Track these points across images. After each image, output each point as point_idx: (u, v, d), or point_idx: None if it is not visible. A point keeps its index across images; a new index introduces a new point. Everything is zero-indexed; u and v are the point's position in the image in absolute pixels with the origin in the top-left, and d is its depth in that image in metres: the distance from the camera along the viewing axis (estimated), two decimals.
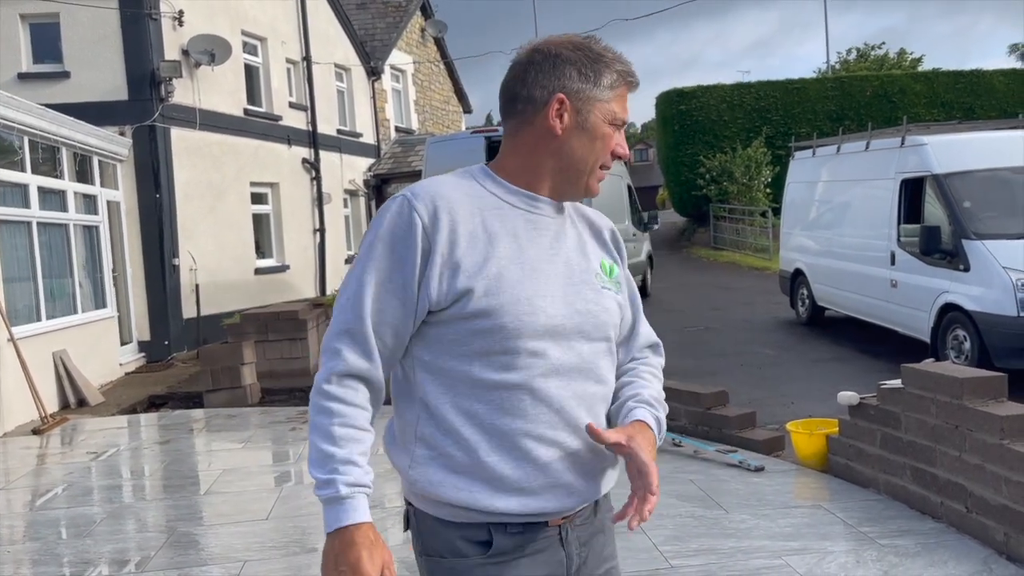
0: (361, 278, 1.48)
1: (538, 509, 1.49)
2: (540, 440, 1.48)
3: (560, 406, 1.50)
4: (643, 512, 1.48)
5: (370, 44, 19.37)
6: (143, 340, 11.17)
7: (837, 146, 10.60)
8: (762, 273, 17.36)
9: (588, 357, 1.54)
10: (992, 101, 23.82)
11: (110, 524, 4.77)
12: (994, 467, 3.71)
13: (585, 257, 1.60)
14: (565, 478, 1.50)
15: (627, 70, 1.55)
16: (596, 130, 1.53)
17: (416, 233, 1.45)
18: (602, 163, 1.56)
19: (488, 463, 1.46)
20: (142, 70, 11.07)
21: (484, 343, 1.46)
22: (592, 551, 1.60)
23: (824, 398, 6.27)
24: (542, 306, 1.48)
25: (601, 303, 1.58)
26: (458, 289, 1.45)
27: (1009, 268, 7.07)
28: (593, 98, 1.52)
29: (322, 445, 1.44)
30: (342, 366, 1.47)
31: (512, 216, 1.53)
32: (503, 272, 1.47)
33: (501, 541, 1.48)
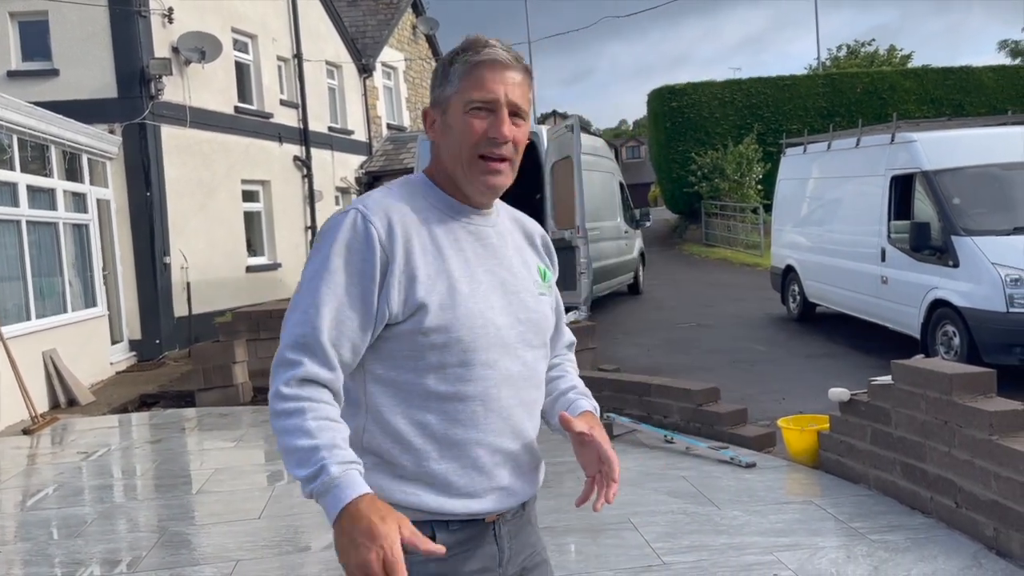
0: (317, 292, 1.45)
1: (480, 510, 1.55)
2: (488, 448, 1.54)
3: (508, 414, 1.55)
4: (609, 496, 1.59)
5: (361, 41, 19.32)
6: (134, 339, 11.14)
7: (828, 143, 10.63)
8: (753, 270, 17.41)
9: (531, 364, 1.60)
10: (981, 97, 23.91)
11: (101, 524, 4.76)
12: (983, 462, 3.73)
13: (525, 265, 1.64)
14: (506, 481, 1.57)
15: (468, 46, 1.53)
16: (455, 123, 1.53)
17: (374, 246, 1.45)
18: (480, 152, 1.52)
19: (437, 471, 1.50)
20: (132, 68, 11.02)
21: (439, 357, 1.48)
22: (519, 543, 1.66)
23: (815, 394, 6.30)
24: (492, 318, 1.52)
25: (540, 310, 1.62)
26: (416, 302, 1.46)
27: (998, 264, 7.10)
28: (447, 97, 1.54)
29: (299, 442, 1.39)
30: (301, 371, 1.43)
31: (455, 228, 1.56)
32: (455, 286, 1.50)
33: (443, 538, 1.51)
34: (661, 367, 8.39)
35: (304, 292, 1.46)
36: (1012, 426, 3.69)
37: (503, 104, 1.51)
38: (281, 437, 1.41)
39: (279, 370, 1.45)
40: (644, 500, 4.61)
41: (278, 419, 1.42)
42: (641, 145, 58.25)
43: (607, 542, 4.05)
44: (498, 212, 1.66)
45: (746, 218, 21.43)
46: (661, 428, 5.89)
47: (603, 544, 4.04)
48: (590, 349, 8.06)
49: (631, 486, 4.89)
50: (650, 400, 6.22)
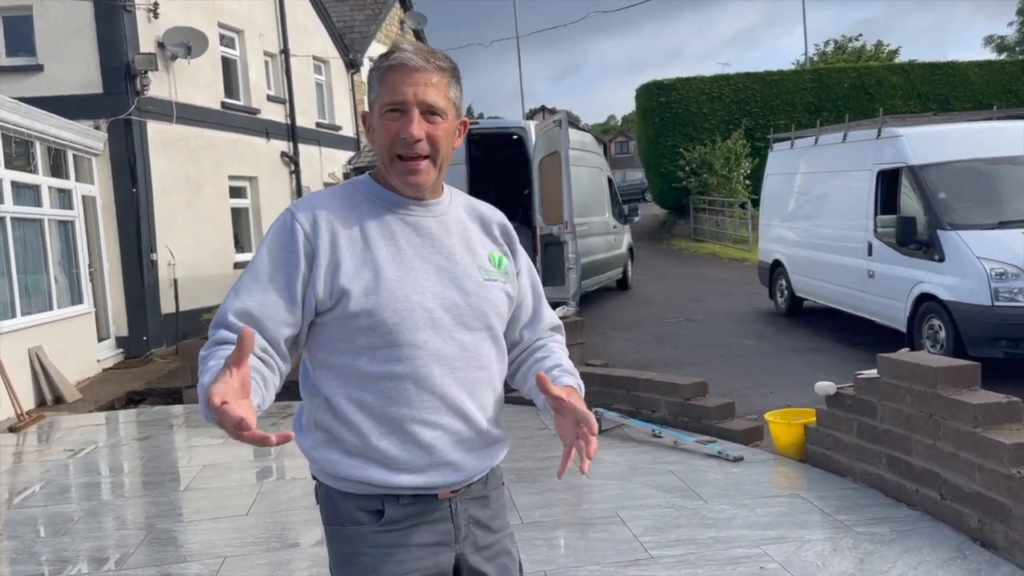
0: (240, 282, 1.61)
1: (425, 483, 1.63)
2: (425, 424, 1.62)
3: (443, 392, 1.63)
4: (590, 452, 1.58)
5: (349, 36, 19.26)
6: (121, 336, 11.08)
7: (815, 138, 10.67)
8: (742, 264, 17.46)
9: (470, 346, 1.67)
10: (967, 93, 24.02)
11: (88, 522, 4.74)
12: (968, 455, 3.76)
13: (470, 251, 1.72)
14: (450, 456, 1.65)
15: (383, 60, 1.65)
16: (376, 126, 1.65)
17: (298, 239, 1.59)
18: (396, 152, 1.63)
19: (379, 447, 1.61)
20: (117, 63, 10.95)
21: (368, 339, 1.60)
22: (479, 523, 1.73)
23: (802, 388, 6.33)
24: (419, 301, 1.62)
25: (483, 294, 1.69)
26: (340, 289, 1.58)
27: (983, 258, 7.15)
28: (371, 102, 1.66)
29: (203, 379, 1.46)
30: (222, 336, 1.54)
31: (390, 220, 1.67)
32: (380, 273, 1.60)
33: (393, 511, 1.63)
34: (649, 362, 8.41)
35: (239, 280, 1.62)
36: (996, 418, 3.72)
37: (412, 104, 1.60)
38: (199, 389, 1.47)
39: (208, 346, 1.57)
40: (632, 494, 4.62)
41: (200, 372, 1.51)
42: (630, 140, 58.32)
43: (595, 536, 4.07)
44: (449, 202, 1.74)
45: (734, 213, 21.48)
46: (649, 423, 5.91)
47: (591, 538, 4.05)
48: (579, 344, 8.07)
49: (619, 480, 4.91)
50: (638, 395, 6.24)
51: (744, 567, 3.59)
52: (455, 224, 1.72)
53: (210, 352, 1.53)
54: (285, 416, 7.31)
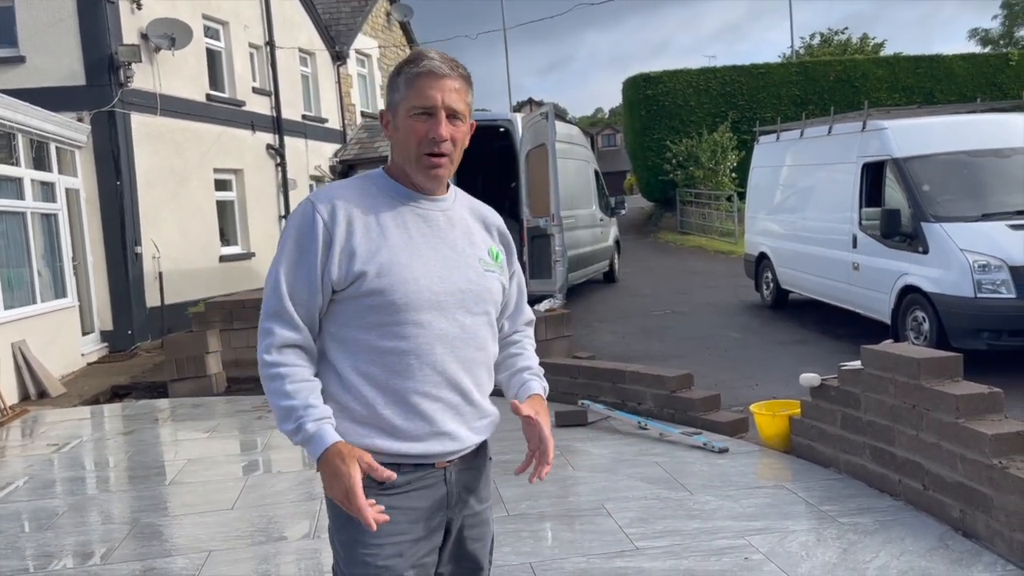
0: (278, 269, 1.80)
1: (424, 451, 1.80)
2: (426, 396, 1.79)
3: (443, 368, 1.80)
4: (541, 473, 1.89)
5: (335, 28, 19.15)
6: (105, 330, 11.02)
7: (800, 131, 10.70)
8: (728, 257, 17.52)
9: (470, 328, 1.85)
10: (952, 86, 24.16)
11: (72, 516, 4.72)
12: (950, 445, 3.79)
13: (472, 244, 1.90)
14: (448, 427, 1.82)
15: (415, 60, 1.82)
16: (403, 125, 1.82)
17: (318, 228, 1.76)
18: (424, 151, 1.81)
19: (384, 415, 1.78)
20: (100, 54, 10.86)
21: (378, 317, 1.77)
22: (468, 490, 1.91)
23: (788, 380, 6.36)
24: (426, 284, 1.78)
25: (482, 283, 1.87)
26: (354, 272, 1.75)
27: (966, 250, 7.19)
28: (396, 102, 1.83)
29: (281, 403, 1.74)
30: (277, 340, 1.77)
31: (403, 211, 1.84)
32: (393, 257, 1.77)
33: (397, 477, 1.78)
34: (636, 354, 8.43)
35: (271, 271, 1.81)
36: (978, 409, 3.75)
37: (440, 108, 1.79)
38: (269, 397, 1.77)
39: (260, 339, 1.79)
40: (618, 486, 4.64)
41: (265, 382, 1.78)
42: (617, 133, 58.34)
43: (581, 528, 4.08)
44: (454, 200, 1.93)
45: (720, 206, 21.54)
46: (635, 415, 5.93)
47: (577, 530, 4.06)
48: (565, 337, 8.09)
49: (605, 472, 4.93)
50: (624, 387, 6.25)
51: (729, 558, 3.61)
52: (459, 219, 1.90)
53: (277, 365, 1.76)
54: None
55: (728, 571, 3.49)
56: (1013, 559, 3.41)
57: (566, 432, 5.83)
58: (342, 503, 1.71)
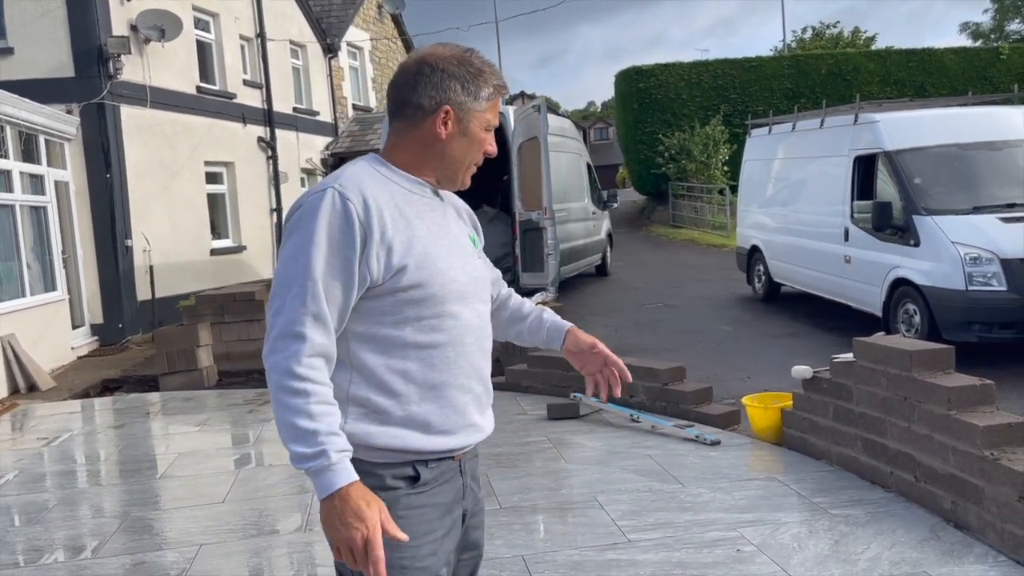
0: (309, 265, 1.62)
1: (456, 445, 1.77)
2: (460, 388, 1.76)
3: (472, 358, 1.79)
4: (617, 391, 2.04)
5: (326, 21, 19.06)
6: (96, 323, 10.96)
7: (792, 124, 10.71)
8: (720, 250, 17.54)
9: (485, 316, 1.86)
10: (943, 79, 24.22)
11: (62, 510, 4.69)
12: (942, 437, 3.80)
13: (463, 232, 1.88)
14: (474, 418, 1.81)
15: (501, 84, 1.80)
16: (474, 136, 1.78)
17: (354, 223, 1.63)
18: (476, 161, 1.82)
19: (419, 412, 1.72)
20: (89, 46, 10.78)
21: (416, 311, 1.70)
22: (475, 479, 1.91)
23: (780, 372, 6.37)
24: (454, 275, 1.75)
25: (482, 271, 1.89)
26: (394, 266, 1.66)
27: (958, 243, 7.21)
28: (473, 109, 1.76)
29: (301, 423, 1.58)
30: (309, 348, 1.61)
31: (414, 200, 1.77)
32: (426, 249, 1.71)
33: (425, 474, 1.74)
34: (628, 347, 8.43)
35: (297, 267, 1.62)
36: (969, 401, 3.76)
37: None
38: (283, 411, 1.59)
39: (285, 342, 1.61)
40: (610, 479, 4.64)
41: (284, 394, 1.59)
42: (609, 127, 58.28)
43: (573, 520, 4.07)
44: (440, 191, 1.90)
45: (713, 199, 21.56)
46: (627, 407, 5.93)
47: (569, 523, 4.06)
48: None
49: (597, 465, 4.92)
50: None
51: (721, 550, 3.61)
52: (449, 208, 1.87)
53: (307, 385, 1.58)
54: (263, 403, 7.26)
55: (720, 563, 3.49)
56: (1004, 550, 3.42)
57: (558, 425, 5.82)
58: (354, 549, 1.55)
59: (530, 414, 6.16)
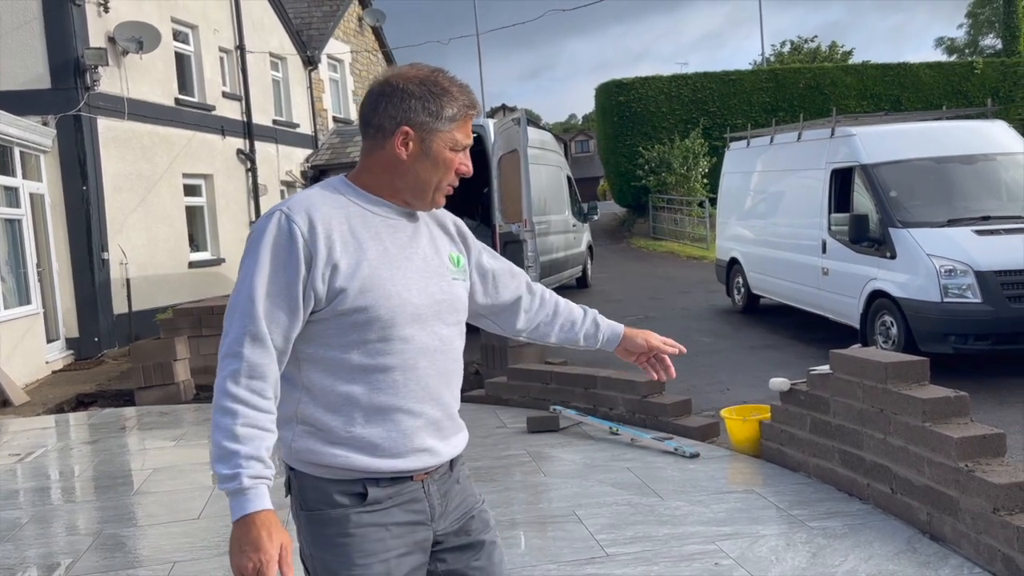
0: (252, 287, 1.64)
1: (404, 468, 1.74)
2: (409, 413, 1.74)
3: (426, 383, 1.76)
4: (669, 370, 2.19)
5: (306, 33, 19.04)
6: (71, 337, 10.83)
7: (771, 137, 10.79)
8: (700, 262, 17.62)
9: (447, 339, 1.81)
10: (918, 93, 24.55)
11: (34, 528, 4.62)
12: (917, 449, 3.82)
13: (437, 253, 1.85)
14: (427, 443, 1.77)
15: (468, 103, 1.78)
16: (438, 156, 1.76)
17: (298, 244, 1.64)
18: (448, 183, 1.80)
19: (363, 435, 1.70)
20: (66, 57, 10.70)
21: (360, 335, 1.69)
22: (450, 501, 1.85)
23: (758, 384, 6.39)
24: (408, 298, 1.73)
25: (452, 291, 1.84)
26: (337, 288, 1.66)
27: (933, 255, 7.28)
28: (435, 129, 1.74)
29: (225, 443, 1.59)
30: (245, 367, 1.62)
31: (374, 221, 1.76)
32: (374, 272, 1.70)
33: (374, 492, 1.73)
34: (607, 360, 8.40)
35: (241, 290, 1.65)
36: (944, 413, 3.78)
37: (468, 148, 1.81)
38: (214, 429, 1.61)
39: (226, 361, 1.64)
40: (589, 492, 4.62)
41: (216, 413, 1.62)
42: (591, 139, 58.53)
43: (552, 535, 4.06)
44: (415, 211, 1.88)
45: (692, 211, 21.69)
46: (607, 420, 5.92)
47: (548, 537, 4.04)
48: None
49: (576, 478, 4.91)
50: (596, 392, 6.25)
51: (699, 563, 3.61)
52: (423, 228, 1.85)
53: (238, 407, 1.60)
54: None
55: None
56: (980, 562, 3.44)
57: (538, 438, 5.81)
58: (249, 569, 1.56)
59: (509, 427, 6.14)
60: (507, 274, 2.05)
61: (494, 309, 2.05)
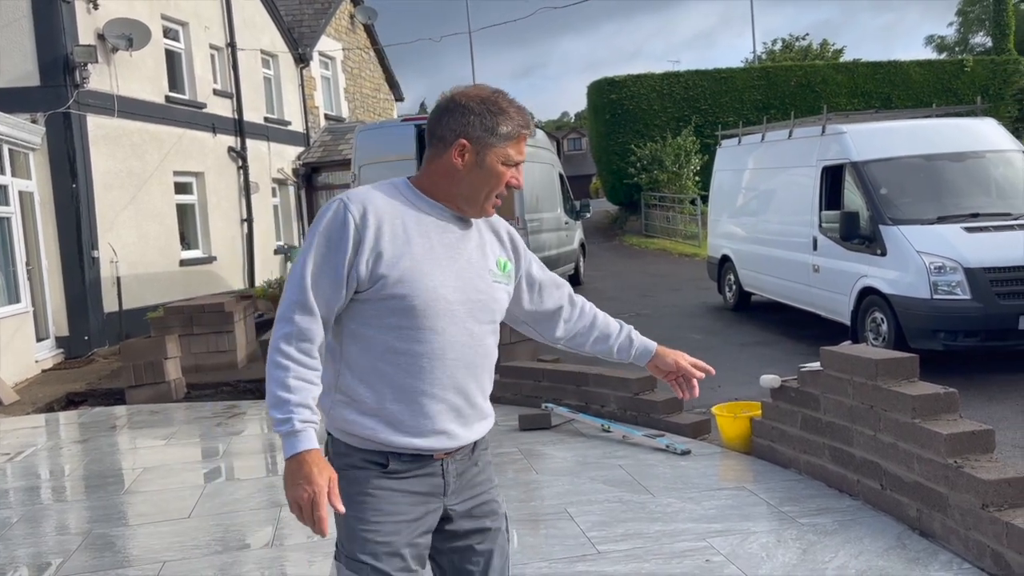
0: (304, 263, 1.89)
1: (423, 446, 1.95)
2: (432, 397, 1.93)
3: (451, 372, 1.94)
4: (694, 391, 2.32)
5: (298, 30, 18.99)
6: (61, 335, 10.78)
7: (762, 135, 10.81)
8: (692, 260, 17.64)
9: (478, 336, 1.99)
10: (908, 91, 24.61)
11: (24, 527, 4.60)
12: (907, 445, 3.83)
13: (484, 256, 2.04)
14: (448, 427, 1.96)
15: (523, 123, 1.98)
16: (491, 169, 1.97)
17: (349, 229, 1.86)
18: (497, 193, 2.00)
19: (391, 410, 1.92)
20: (55, 55, 10.64)
21: (397, 320, 1.89)
22: (465, 480, 2.05)
23: (750, 382, 6.40)
24: (443, 294, 1.91)
25: (491, 293, 2.02)
26: (378, 274, 1.87)
27: (923, 252, 7.31)
28: (490, 144, 1.95)
29: (279, 392, 1.83)
30: (295, 329, 1.86)
31: (427, 222, 1.96)
32: (416, 265, 1.89)
33: (394, 464, 1.95)
34: (599, 357, 8.43)
35: (297, 264, 1.91)
36: (934, 409, 3.79)
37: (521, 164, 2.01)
38: (269, 383, 1.85)
39: (280, 325, 1.88)
40: (581, 489, 4.63)
41: (271, 367, 1.86)
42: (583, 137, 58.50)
43: (544, 532, 4.06)
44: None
45: (684, 209, 21.70)
46: (599, 417, 5.93)
47: (539, 535, 4.04)
48: (530, 340, 8.06)
49: (569, 476, 4.91)
50: (588, 389, 6.25)
51: (690, 560, 3.62)
52: (475, 233, 2.04)
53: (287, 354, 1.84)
54: (231, 416, 7.18)
55: (689, 574, 3.49)
56: (969, 557, 3.46)
57: (530, 436, 5.81)
58: (302, 507, 1.78)
59: (501, 425, 6.14)
60: (552, 285, 2.25)
61: (537, 316, 2.24)
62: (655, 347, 2.31)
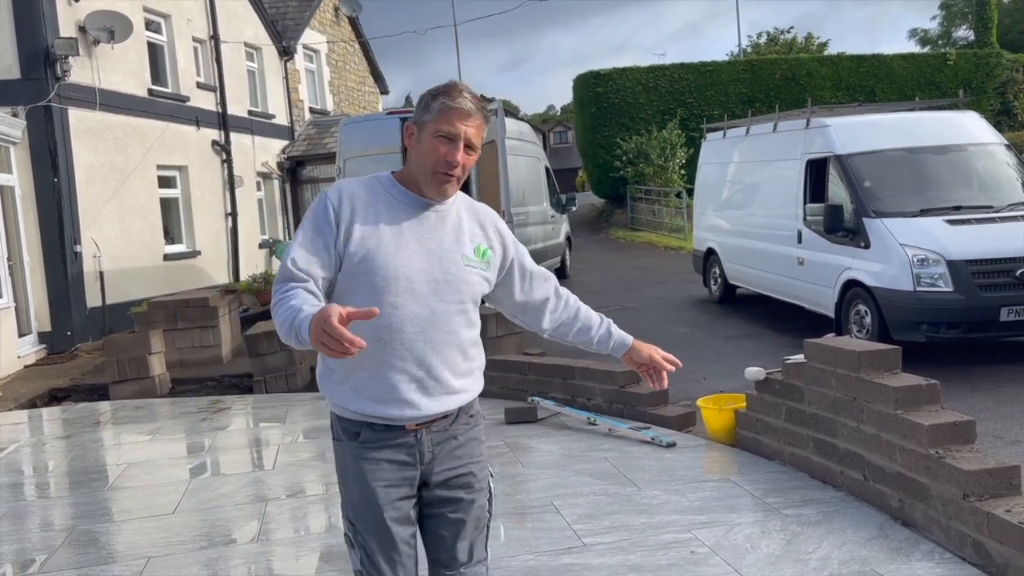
0: (295, 242, 2.12)
1: (388, 415, 2.13)
2: (392, 368, 2.12)
3: (411, 345, 2.12)
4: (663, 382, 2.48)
5: (282, 23, 18.86)
6: (43, 331, 10.69)
7: (747, 128, 10.84)
8: (677, 253, 17.69)
9: (440, 313, 2.14)
10: (892, 84, 24.72)
11: (6, 524, 4.56)
12: (889, 436, 3.86)
13: (458, 242, 2.19)
14: (410, 396, 2.13)
15: (449, 98, 2.11)
16: (427, 143, 2.13)
17: (328, 212, 2.12)
18: (439, 170, 2.11)
19: (358, 377, 2.13)
20: (35, 47, 10.52)
21: (364, 294, 2.08)
22: (443, 451, 2.21)
23: (735, 374, 6.43)
24: (405, 272, 2.11)
25: (460, 276, 2.18)
26: (348, 252, 2.10)
27: (906, 245, 7.35)
28: (424, 121, 2.14)
29: (285, 314, 1.98)
30: (289, 284, 2.07)
31: (400, 209, 2.16)
32: (380, 244, 2.10)
33: (367, 434, 2.16)
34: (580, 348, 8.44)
35: (291, 243, 2.14)
36: (916, 401, 3.83)
37: (460, 139, 2.11)
38: (276, 319, 2.01)
39: (277, 286, 2.08)
40: (566, 482, 4.64)
41: (274, 311, 2.03)
42: (569, 130, 58.46)
43: (529, 525, 4.07)
44: (452, 204, 2.22)
45: (670, 202, 21.74)
46: (585, 410, 5.94)
47: (526, 527, 4.05)
48: (516, 334, 8.07)
49: (554, 469, 4.93)
50: (574, 383, 6.27)
51: (675, 552, 3.64)
52: (451, 219, 2.20)
53: (284, 296, 2.03)
54: (216, 411, 7.16)
55: (675, 565, 3.51)
56: (950, 547, 3.49)
57: (516, 429, 5.82)
58: (325, 340, 1.80)
59: (488, 418, 6.13)
60: (541, 277, 2.42)
61: (526, 307, 2.41)
62: (631, 340, 2.46)
